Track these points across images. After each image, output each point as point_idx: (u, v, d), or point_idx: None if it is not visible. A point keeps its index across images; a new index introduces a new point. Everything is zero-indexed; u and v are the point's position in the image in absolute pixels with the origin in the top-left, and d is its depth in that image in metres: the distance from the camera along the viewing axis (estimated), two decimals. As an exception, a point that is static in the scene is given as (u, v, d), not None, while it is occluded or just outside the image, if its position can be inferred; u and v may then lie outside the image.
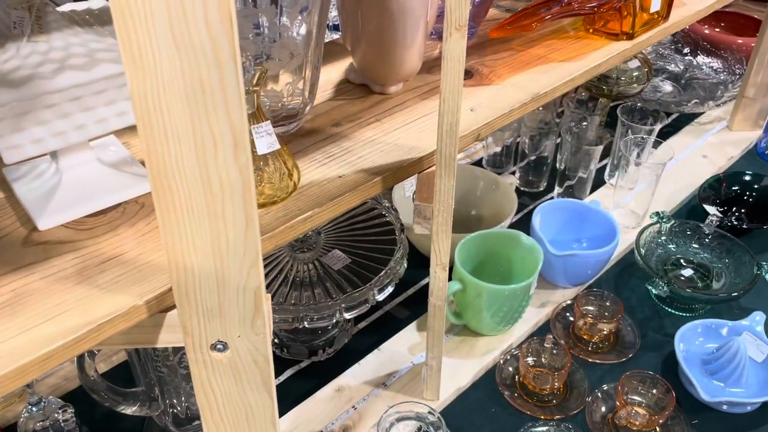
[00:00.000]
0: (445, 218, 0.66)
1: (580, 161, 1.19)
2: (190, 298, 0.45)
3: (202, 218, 0.42)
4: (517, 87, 0.80)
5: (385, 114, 0.75)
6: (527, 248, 0.94)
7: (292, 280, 0.84)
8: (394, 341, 0.93)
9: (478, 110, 0.75)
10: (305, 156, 0.67)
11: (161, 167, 0.39)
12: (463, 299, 0.90)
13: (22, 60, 0.48)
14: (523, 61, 0.87)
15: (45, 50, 0.49)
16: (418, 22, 0.71)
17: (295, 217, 0.58)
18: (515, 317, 0.92)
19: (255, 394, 0.52)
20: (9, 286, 0.49)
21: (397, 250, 0.86)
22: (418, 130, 0.71)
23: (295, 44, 0.63)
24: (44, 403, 0.71)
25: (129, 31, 0.34)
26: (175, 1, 0.34)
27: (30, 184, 0.57)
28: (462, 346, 0.93)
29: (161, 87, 0.36)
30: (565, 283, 1.03)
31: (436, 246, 0.69)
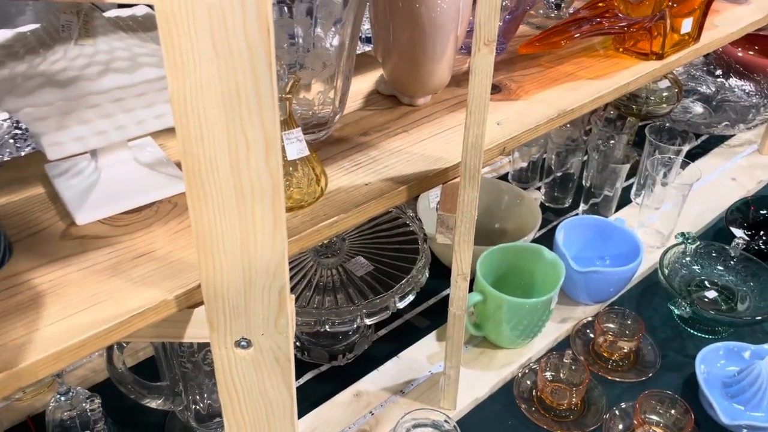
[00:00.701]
0: (468, 229, 0.67)
1: (607, 179, 1.19)
2: (217, 295, 0.47)
3: (233, 219, 0.44)
4: (544, 102, 0.81)
5: (413, 125, 0.76)
6: (549, 263, 0.95)
7: (315, 284, 0.85)
8: (413, 350, 0.94)
9: (505, 124, 0.76)
10: (333, 163, 0.68)
11: (196, 168, 0.41)
12: (484, 311, 0.91)
13: (69, 62, 0.50)
14: (551, 77, 0.88)
15: (91, 53, 0.51)
16: (448, 36, 0.73)
17: (321, 222, 0.60)
18: (535, 331, 0.93)
19: (276, 392, 0.53)
20: (47, 276, 0.51)
21: (419, 259, 0.87)
22: (444, 141, 0.73)
23: (328, 55, 0.65)
24: (72, 394, 0.73)
25: (172, 37, 0.36)
26: (216, 11, 0.35)
27: (70, 180, 0.59)
28: (481, 357, 0.94)
29: (199, 90, 0.38)
30: (587, 300, 1.03)
31: (457, 256, 0.70)
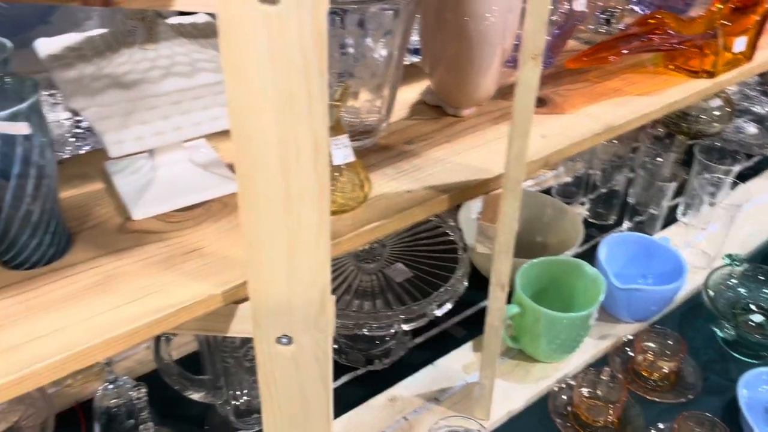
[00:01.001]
0: (508, 239, 0.67)
1: (653, 197, 1.18)
2: (262, 292, 0.49)
3: (280, 219, 0.45)
4: (590, 117, 0.81)
5: (457, 135, 0.77)
6: (590, 278, 0.94)
7: (355, 288, 0.87)
8: (449, 358, 0.95)
9: (550, 137, 0.76)
10: (377, 170, 0.70)
11: (248, 169, 0.43)
12: (521, 323, 0.91)
13: (133, 65, 0.53)
14: (598, 92, 0.88)
15: (153, 57, 0.54)
16: (495, 49, 0.74)
17: (363, 226, 0.61)
18: (573, 346, 0.92)
19: (313, 390, 0.55)
20: (103, 267, 0.54)
21: (458, 268, 0.88)
22: (487, 152, 0.74)
23: (377, 65, 0.67)
24: (119, 382, 0.76)
25: (232, 43, 0.38)
26: (274, 20, 0.37)
27: (128, 177, 0.62)
28: (516, 369, 0.94)
29: (255, 95, 0.40)
30: (627, 318, 1.02)
31: (496, 266, 0.70)
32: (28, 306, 0.50)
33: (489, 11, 0.70)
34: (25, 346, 0.47)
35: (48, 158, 0.50)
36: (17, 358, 0.46)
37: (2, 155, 0.47)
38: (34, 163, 0.48)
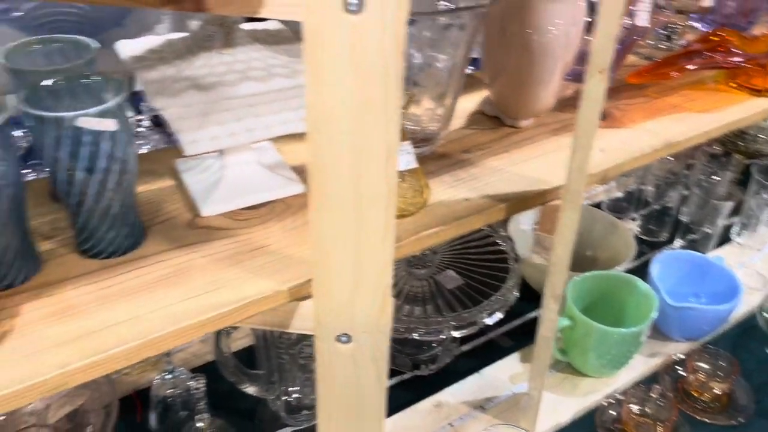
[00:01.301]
0: (565, 251, 0.68)
1: (707, 216, 1.16)
2: (326, 290, 0.50)
3: (349, 221, 0.47)
4: (649, 132, 0.81)
5: (515, 146, 0.78)
6: (642, 295, 0.93)
7: (406, 293, 0.88)
8: (496, 367, 0.95)
9: (608, 151, 0.76)
10: (435, 177, 0.71)
11: (321, 170, 0.45)
12: (571, 336, 0.90)
13: (211, 68, 0.55)
14: (657, 108, 0.87)
15: (230, 61, 0.56)
16: (557, 62, 0.74)
17: (423, 231, 0.62)
18: (622, 362, 0.92)
19: (369, 389, 0.56)
20: (174, 260, 0.56)
21: (509, 278, 0.88)
22: (545, 163, 0.74)
23: (441, 74, 0.68)
24: (176, 373, 0.79)
25: (315, 50, 0.40)
26: (358, 29, 0.39)
27: (197, 175, 0.65)
28: (564, 383, 0.93)
29: (334, 100, 0.42)
30: (679, 336, 1.01)
31: (552, 277, 0.71)
32: (105, 294, 0.53)
33: (553, 24, 0.71)
34: (101, 332, 0.49)
35: (130, 154, 0.52)
36: (94, 343, 0.48)
37: (90, 151, 0.50)
38: (117, 158, 0.51)
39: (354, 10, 0.39)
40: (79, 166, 0.50)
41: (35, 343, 0.47)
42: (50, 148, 0.49)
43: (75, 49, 0.62)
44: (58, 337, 0.48)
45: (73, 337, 0.48)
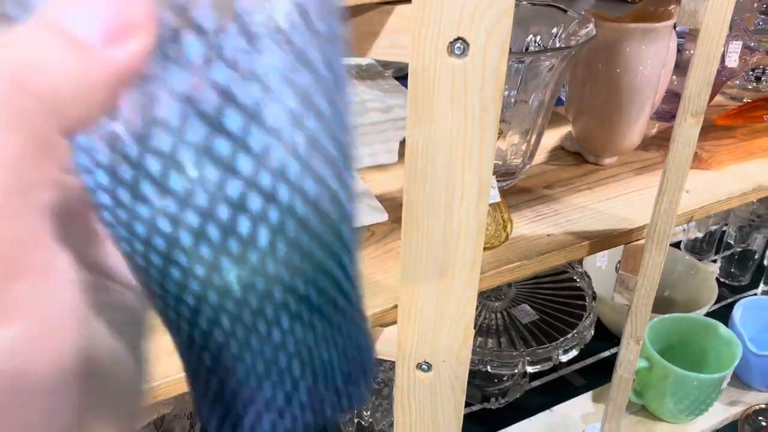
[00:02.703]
0: (648, 292, 0.67)
1: (794, 261, 1.12)
2: (410, 318, 0.52)
3: (437, 253, 0.49)
4: (737, 175, 0.79)
5: (597, 183, 0.78)
6: (724, 340, 0.91)
7: (479, 325, 0.89)
8: (567, 405, 0.94)
9: (694, 193, 0.75)
10: (516, 211, 0.72)
11: (415, 203, 0.47)
12: (648, 379, 0.89)
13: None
14: (746, 150, 0.86)
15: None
16: (645, 102, 0.74)
17: (505, 265, 0.63)
18: (701, 409, 0.89)
19: (445, 418, 0.57)
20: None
21: (587, 316, 0.87)
22: (629, 203, 0.74)
23: (528, 111, 0.69)
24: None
25: (418, 90, 0.42)
26: (460, 71, 0.41)
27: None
28: (639, 426, 0.91)
29: (433, 138, 0.44)
30: (761, 386, 0.97)
31: (633, 318, 0.70)
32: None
33: (642, 65, 0.71)
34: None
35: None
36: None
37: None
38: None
39: (458, 54, 0.41)
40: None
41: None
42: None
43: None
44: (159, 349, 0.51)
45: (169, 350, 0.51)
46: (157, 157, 0.15)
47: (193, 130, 0.15)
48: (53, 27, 0.13)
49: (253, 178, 0.16)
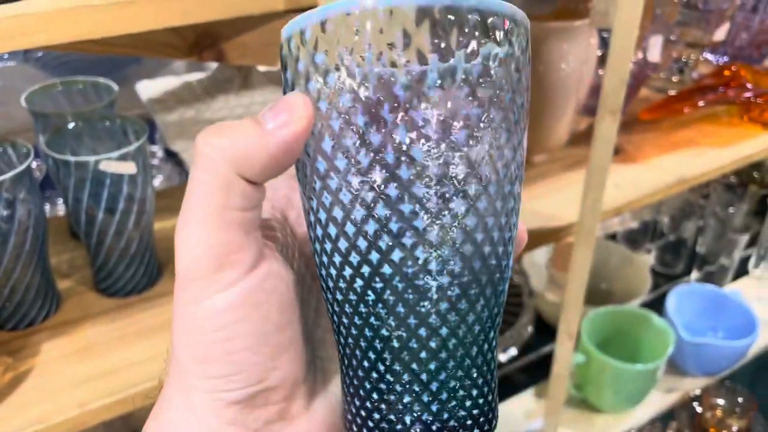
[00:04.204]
0: (578, 289, 0.68)
1: (724, 248, 1.16)
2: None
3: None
4: (663, 168, 0.81)
5: (528, 182, 0.78)
6: (658, 330, 0.93)
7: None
8: (510, 404, 0.94)
9: (622, 187, 0.76)
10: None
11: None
12: (586, 373, 0.90)
13: (230, 110, 0.57)
14: (671, 142, 0.88)
15: (248, 104, 0.58)
16: (569, 99, 0.75)
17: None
18: (638, 398, 0.91)
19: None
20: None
21: (524, 313, 0.88)
22: (559, 200, 0.74)
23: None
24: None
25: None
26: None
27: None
28: (579, 419, 0.93)
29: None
30: (695, 372, 0.99)
31: (566, 315, 0.70)
32: (123, 333, 0.53)
33: (564, 62, 0.72)
34: (119, 372, 0.50)
35: (149, 195, 0.54)
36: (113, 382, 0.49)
37: (111, 192, 0.51)
38: (137, 199, 0.52)
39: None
40: (99, 207, 0.51)
41: (56, 381, 0.48)
42: (72, 190, 0.50)
43: (95, 90, 0.63)
44: (77, 376, 0.49)
45: (92, 375, 0.49)
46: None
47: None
48: (253, 118, 0.21)
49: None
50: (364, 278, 0.21)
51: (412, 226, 0.20)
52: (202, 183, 0.20)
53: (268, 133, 0.20)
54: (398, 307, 0.21)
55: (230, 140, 0.20)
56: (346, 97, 0.20)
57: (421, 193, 0.20)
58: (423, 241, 0.20)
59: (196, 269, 0.20)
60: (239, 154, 0.20)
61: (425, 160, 0.20)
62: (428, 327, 0.21)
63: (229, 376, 0.21)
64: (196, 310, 0.21)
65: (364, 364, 0.22)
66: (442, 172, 0.20)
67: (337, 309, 0.22)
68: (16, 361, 0.50)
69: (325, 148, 0.20)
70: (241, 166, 0.20)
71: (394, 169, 0.20)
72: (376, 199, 0.20)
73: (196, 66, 1.02)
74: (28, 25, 0.30)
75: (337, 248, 0.21)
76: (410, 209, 0.20)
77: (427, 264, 0.21)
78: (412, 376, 0.22)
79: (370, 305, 0.21)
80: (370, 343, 0.22)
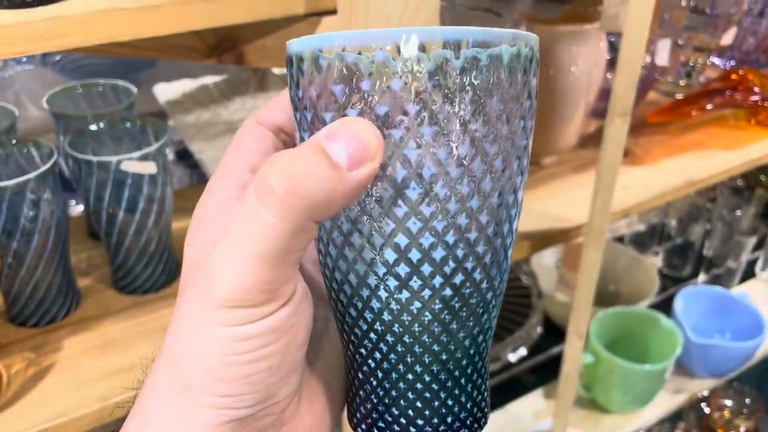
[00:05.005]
0: (588, 289, 0.69)
1: (731, 251, 1.16)
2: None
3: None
4: (671, 171, 0.82)
5: (537, 183, 0.79)
6: (666, 331, 0.93)
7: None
8: (519, 404, 0.95)
9: (630, 189, 0.77)
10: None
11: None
12: (595, 373, 0.90)
13: (247, 112, 0.58)
14: (679, 145, 0.88)
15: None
16: (578, 102, 0.76)
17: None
18: (646, 399, 0.91)
19: None
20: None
21: (533, 314, 0.89)
22: (568, 201, 0.75)
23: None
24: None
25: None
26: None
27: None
28: (588, 419, 0.93)
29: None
30: (703, 373, 1.00)
31: (575, 315, 0.71)
32: (141, 330, 0.54)
33: (574, 65, 0.73)
34: (139, 367, 0.51)
35: (168, 195, 0.55)
36: (132, 377, 0.50)
37: (131, 192, 0.52)
38: (156, 199, 0.53)
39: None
40: (120, 207, 0.52)
41: (77, 376, 0.49)
42: (94, 190, 0.52)
43: (114, 93, 0.65)
44: (98, 371, 0.50)
45: (113, 370, 0.50)
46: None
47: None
48: (320, 150, 0.19)
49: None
50: (363, 300, 0.23)
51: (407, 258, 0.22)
52: (270, 226, 0.19)
53: (346, 178, 0.19)
54: (394, 326, 0.23)
55: (307, 190, 0.19)
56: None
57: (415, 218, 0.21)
58: (416, 272, 0.22)
59: (242, 300, 0.20)
60: (318, 203, 0.19)
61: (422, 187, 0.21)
62: (421, 344, 0.23)
63: (243, 395, 0.21)
64: (225, 332, 0.20)
65: (364, 370, 0.24)
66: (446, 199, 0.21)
67: (343, 324, 0.24)
68: (39, 356, 0.51)
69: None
70: (317, 214, 0.19)
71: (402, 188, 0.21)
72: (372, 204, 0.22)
73: (210, 68, 1.03)
74: (64, 27, 0.31)
75: (337, 266, 0.23)
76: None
77: (421, 291, 0.22)
78: (405, 383, 0.24)
79: (368, 322, 0.23)
80: (370, 354, 0.24)
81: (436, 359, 0.23)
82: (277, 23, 0.41)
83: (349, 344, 0.24)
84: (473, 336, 0.24)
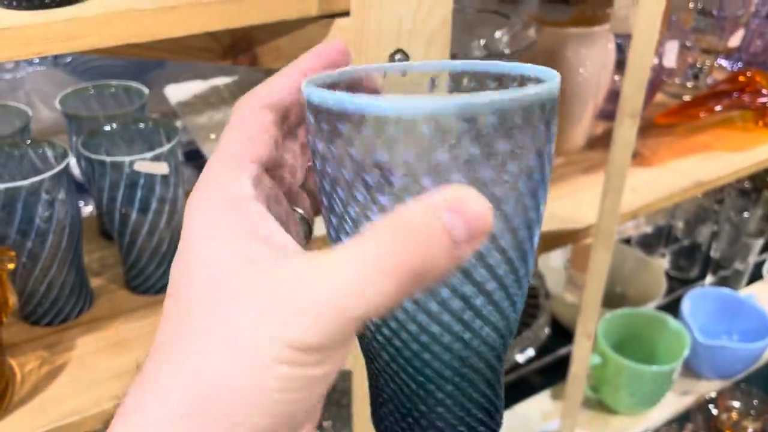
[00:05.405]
0: (597, 290, 0.69)
1: (738, 252, 1.16)
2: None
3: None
4: (679, 172, 0.82)
5: (546, 185, 0.79)
6: (674, 333, 0.93)
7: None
8: (527, 404, 0.95)
9: (639, 191, 0.77)
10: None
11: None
12: (602, 374, 0.91)
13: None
14: (686, 147, 0.88)
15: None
16: (587, 103, 0.76)
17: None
18: (654, 400, 0.91)
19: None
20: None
21: (540, 315, 0.89)
22: (575, 202, 0.75)
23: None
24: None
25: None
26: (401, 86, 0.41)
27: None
28: (595, 420, 0.93)
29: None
30: (711, 374, 1.00)
31: (584, 316, 0.71)
32: (152, 330, 0.54)
33: (582, 67, 0.73)
34: (151, 366, 0.51)
35: (180, 195, 0.55)
36: (144, 375, 0.51)
37: (144, 193, 0.52)
38: (168, 199, 0.54)
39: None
40: (133, 207, 0.53)
41: (90, 375, 0.50)
42: (107, 191, 0.52)
43: (126, 94, 0.65)
44: (111, 370, 0.50)
45: (125, 369, 0.50)
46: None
47: None
48: (439, 222, 0.18)
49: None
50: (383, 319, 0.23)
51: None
52: (384, 295, 0.18)
53: (462, 253, 0.19)
54: (412, 344, 0.23)
55: (424, 263, 0.18)
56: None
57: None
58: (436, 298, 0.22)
59: (318, 346, 0.19)
60: (429, 273, 0.18)
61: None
62: (441, 361, 0.24)
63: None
64: (282, 370, 0.19)
65: (391, 377, 0.25)
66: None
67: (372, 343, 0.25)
68: (52, 355, 0.52)
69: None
70: (424, 280, 0.19)
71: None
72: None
73: (221, 70, 1.04)
74: (82, 28, 0.32)
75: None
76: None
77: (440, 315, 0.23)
78: (425, 394, 0.25)
79: (387, 338, 0.24)
80: (394, 370, 0.24)
81: (451, 379, 0.24)
82: (290, 25, 0.42)
83: (370, 348, 0.25)
84: (488, 351, 0.25)
